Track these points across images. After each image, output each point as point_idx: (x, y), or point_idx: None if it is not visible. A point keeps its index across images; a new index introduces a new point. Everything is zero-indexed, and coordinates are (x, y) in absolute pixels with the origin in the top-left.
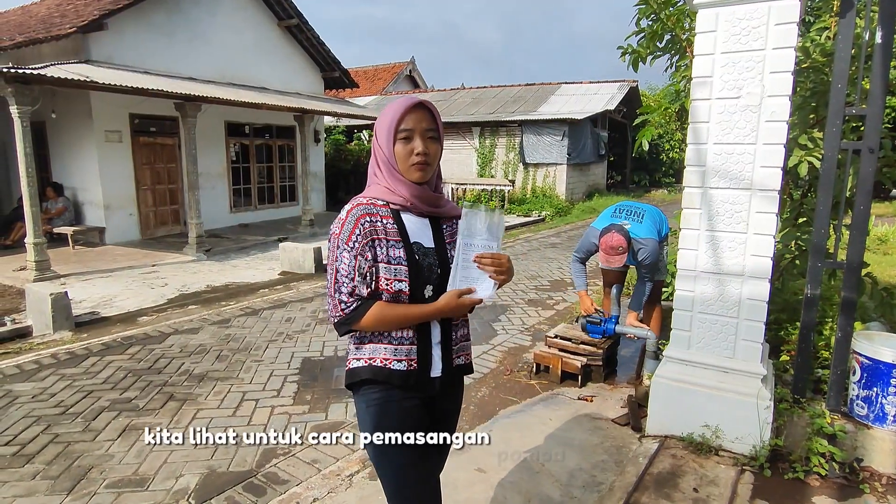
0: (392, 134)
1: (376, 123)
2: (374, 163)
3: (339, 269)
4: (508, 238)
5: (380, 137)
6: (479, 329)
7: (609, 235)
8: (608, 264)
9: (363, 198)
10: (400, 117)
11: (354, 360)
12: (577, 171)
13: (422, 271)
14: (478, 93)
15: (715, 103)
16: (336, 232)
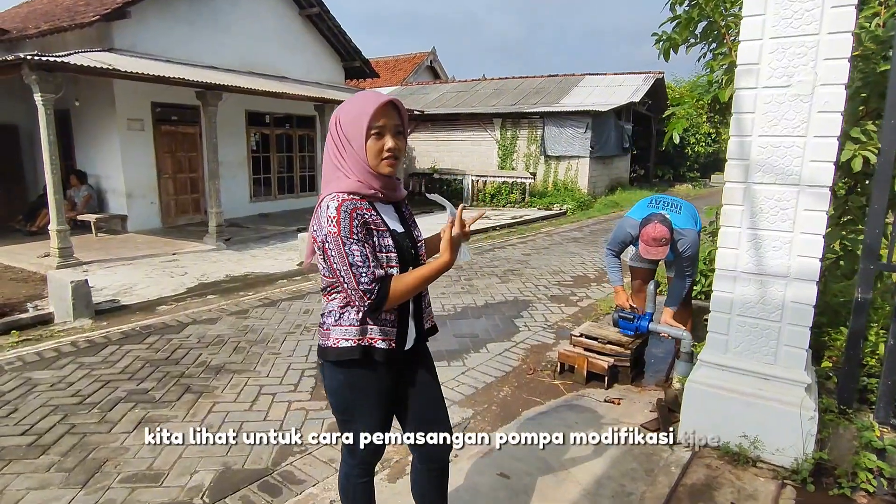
0: (364, 131)
1: (341, 119)
2: (336, 157)
3: (354, 262)
4: (530, 232)
5: (348, 133)
6: (501, 325)
7: (652, 226)
8: (649, 256)
9: (340, 193)
10: (372, 115)
11: (343, 339)
12: (599, 165)
13: (406, 254)
14: (499, 84)
15: (761, 92)
16: (334, 231)
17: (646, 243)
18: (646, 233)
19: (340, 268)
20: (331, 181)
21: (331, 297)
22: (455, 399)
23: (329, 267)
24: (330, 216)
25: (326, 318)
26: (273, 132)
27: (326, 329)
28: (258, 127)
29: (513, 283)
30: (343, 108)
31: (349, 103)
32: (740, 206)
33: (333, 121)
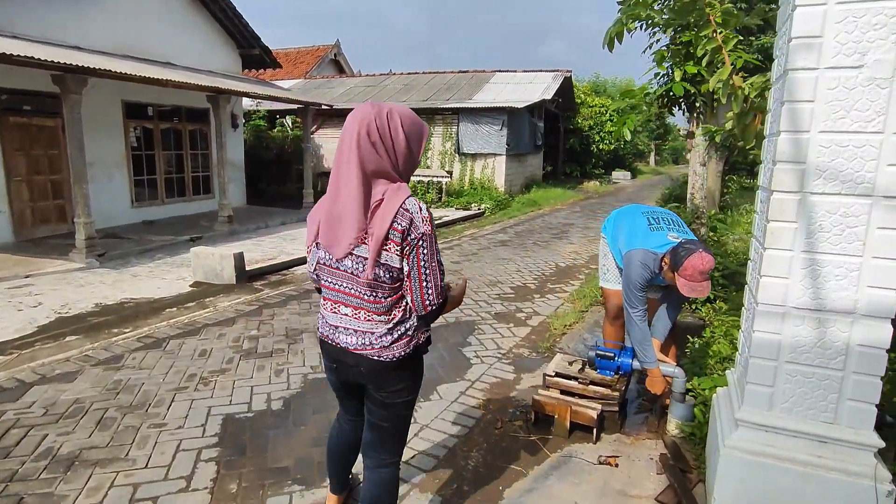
0: (423, 145)
1: (405, 125)
2: (396, 162)
3: (439, 259)
4: (454, 236)
5: (415, 146)
6: (448, 357)
7: (698, 256)
8: (693, 294)
9: (413, 196)
10: (428, 134)
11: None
12: (515, 162)
13: None
14: (409, 79)
15: (824, 75)
16: (429, 230)
17: (691, 279)
18: (692, 266)
19: (428, 266)
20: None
21: (391, 314)
22: (414, 479)
23: (415, 266)
24: (425, 217)
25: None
26: (158, 126)
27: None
28: (139, 120)
29: None
30: (405, 113)
31: (408, 111)
32: (793, 223)
33: (384, 120)
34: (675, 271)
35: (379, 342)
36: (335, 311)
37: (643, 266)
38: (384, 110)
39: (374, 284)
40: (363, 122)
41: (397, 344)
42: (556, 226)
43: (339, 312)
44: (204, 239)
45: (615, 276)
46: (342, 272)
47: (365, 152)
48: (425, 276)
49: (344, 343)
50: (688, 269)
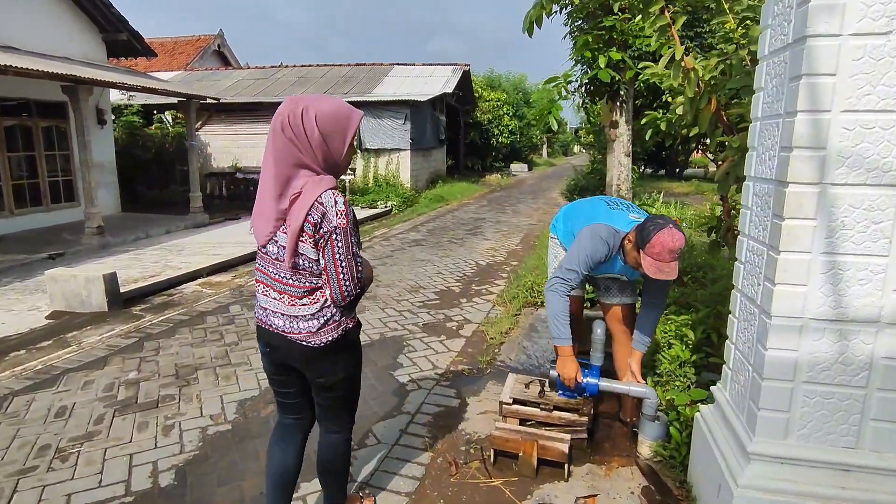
0: (348, 140)
1: (319, 118)
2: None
3: (355, 252)
4: (364, 237)
5: (334, 141)
6: (379, 386)
7: (669, 233)
8: (660, 275)
9: (335, 189)
10: (356, 128)
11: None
12: (420, 157)
13: None
14: (303, 71)
15: (848, 43)
16: (344, 223)
17: (658, 258)
18: (660, 243)
19: (343, 258)
20: (305, 177)
21: (313, 297)
22: None
23: (330, 259)
24: (340, 210)
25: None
26: (0, 123)
27: (331, 322)
28: None
29: (370, 312)
30: (322, 108)
31: (329, 107)
32: (812, 220)
33: (298, 114)
34: (640, 249)
35: (306, 327)
36: (266, 295)
37: (602, 241)
38: (300, 106)
39: (295, 271)
40: (279, 117)
41: (325, 329)
42: (468, 221)
43: (269, 296)
44: (68, 256)
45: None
46: (268, 257)
47: (280, 147)
48: (341, 269)
49: (275, 326)
50: (655, 247)
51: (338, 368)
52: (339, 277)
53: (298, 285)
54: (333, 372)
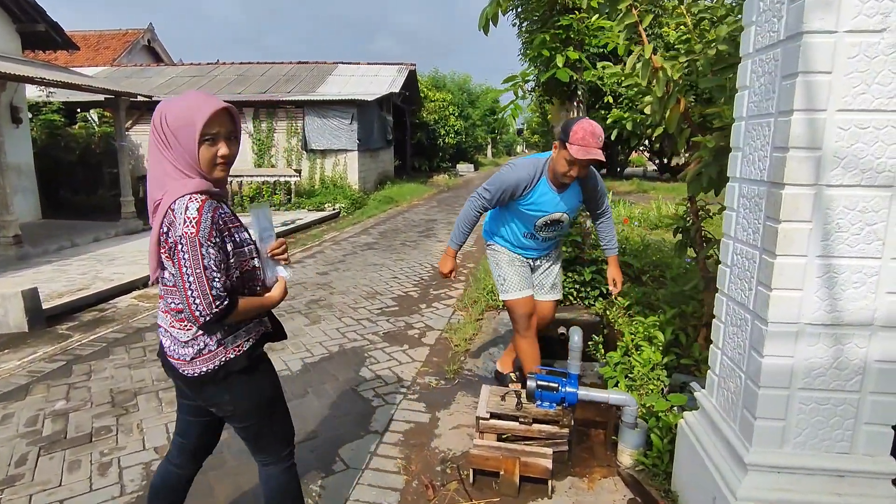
0: (197, 137)
1: (168, 119)
2: (168, 157)
3: (209, 265)
4: (313, 241)
5: (178, 136)
6: (343, 402)
7: (586, 120)
8: (589, 156)
9: (196, 194)
10: (207, 121)
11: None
12: (368, 158)
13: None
14: (242, 69)
15: (843, 40)
16: (192, 231)
17: (583, 142)
18: (581, 129)
19: (191, 272)
20: (170, 181)
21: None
22: None
23: (177, 272)
24: (189, 217)
25: (200, 340)
26: None
27: (204, 353)
28: None
29: (327, 322)
30: (170, 108)
31: (178, 104)
32: (808, 223)
33: (158, 118)
34: (566, 144)
35: (182, 354)
36: (159, 310)
37: (519, 167)
38: (161, 105)
39: (165, 287)
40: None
41: (198, 360)
42: (420, 223)
43: (160, 311)
44: None
45: (514, 283)
46: None
47: (152, 151)
48: (189, 284)
49: (164, 345)
50: (578, 133)
51: (230, 400)
52: (187, 294)
53: (173, 307)
54: (226, 404)
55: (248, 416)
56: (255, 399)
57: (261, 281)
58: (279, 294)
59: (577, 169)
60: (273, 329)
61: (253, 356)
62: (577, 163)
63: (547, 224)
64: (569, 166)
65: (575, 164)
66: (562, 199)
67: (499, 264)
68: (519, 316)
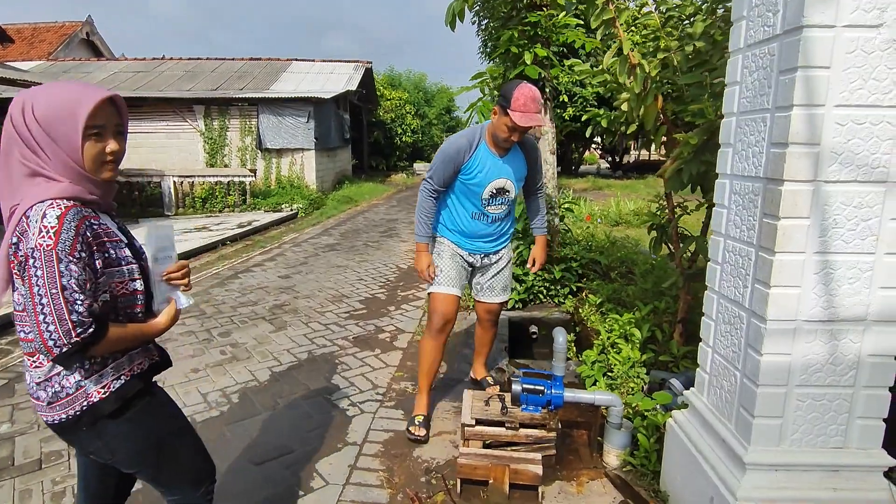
0: (81, 130)
1: (37, 111)
2: (30, 157)
3: (68, 284)
4: (272, 243)
5: (51, 131)
6: (315, 413)
7: (525, 85)
8: (529, 122)
9: (60, 199)
10: (91, 113)
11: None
12: (325, 157)
13: (145, 268)
14: (190, 65)
15: (842, 35)
16: (48, 243)
17: (524, 108)
18: (522, 94)
19: (45, 293)
20: (28, 186)
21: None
22: None
23: (27, 292)
24: (46, 226)
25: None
26: None
27: (63, 396)
28: None
29: (293, 329)
30: (39, 98)
31: (50, 93)
32: (805, 219)
33: (19, 110)
34: (506, 110)
35: (38, 396)
36: None
37: (456, 139)
38: (21, 97)
39: (15, 312)
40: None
41: (56, 405)
42: (381, 223)
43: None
44: None
45: (447, 277)
46: None
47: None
48: (41, 307)
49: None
50: (519, 99)
51: (104, 447)
52: (38, 319)
53: (23, 335)
54: (102, 451)
55: (133, 461)
56: (139, 443)
57: (142, 307)
58: (166, 321)
59: (518, 134)
60: (160, 358)
61: (126, 396)
62: (518, 129)
63: (493, 195)
64: (509, 132)
65: (517, 130)
66: (505, 162)
67: (440, 255)
68: (437, 313)
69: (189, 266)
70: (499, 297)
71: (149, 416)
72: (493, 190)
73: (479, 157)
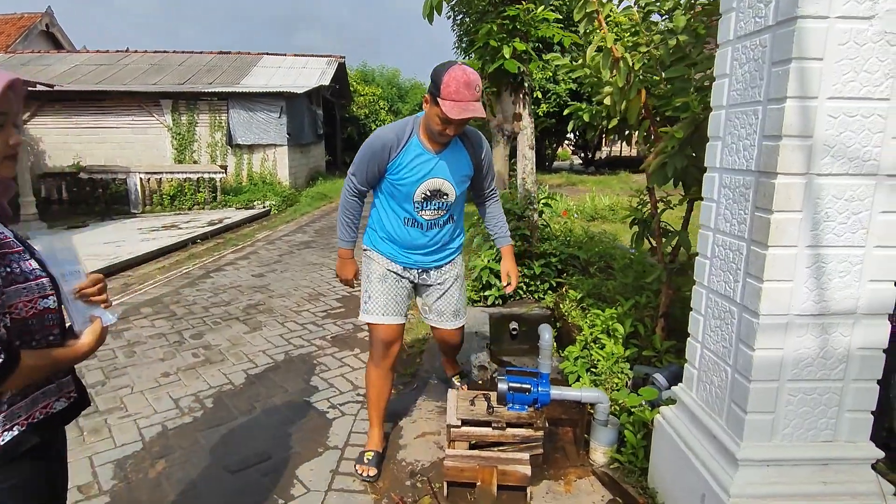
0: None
1: None
2: None
3: None
4: (245, 241)
5: None
6: (294, 415)
7: (459, 68)
8: (465, 114)
9: None
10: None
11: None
12: (298, 153)
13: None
14: (156, 58)
15: (836, 27)
16: None
17: (457, 95)
18: (454, 79)
19: None
20: None
21: None
22: None
23: None
24: None
25: None
26: None
27: None
28: None
29: (269, 329)
30: None
31: None
32: (798, 212)
33: None
34: (437, 98)
35: None
36: None
37: (382, 133)
38: None
39: None
40: None
41: None
42: None
43: None
44: None
45: (379, 305)
46: None
47: None
48: None
49: None
50: (451, 85)
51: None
52: None
53: None
54: None
55: None
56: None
57: (58, 328)
58: (91, 341)
59: (454, 128)
60: (77, 396)
61: (14, 455)
62: (452, 122)
63: (427, 197)
64: (443, 125)
65: (451, 123)
66: (442, 159)
67: (369, 277)
68: (376, 342)
69: (105, 281)
70: (449, 324)
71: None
72: (427, 192)
73: (409, 154)
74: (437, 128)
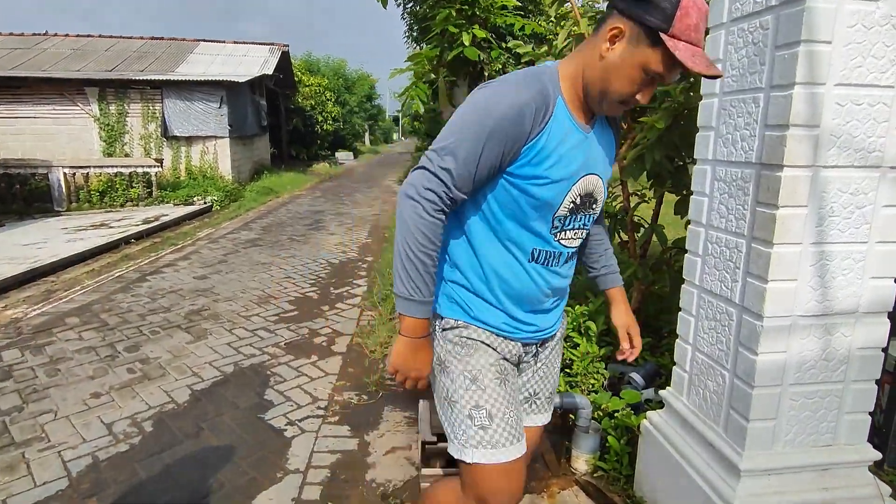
0: None
1: None
2: None
3: None
4: (185, 240)
5: None
6: (249, 438)
7: None
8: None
9: None
10: None
11: None
12: (241, 146)
13: None
14: (79, 42)
15: (844, 7)
16: None
17: (695, 35)
18: (695, 4)
19: None
20: None
21: None
22: None
23: None
24: None
25: None
26: None
27: None
28: None
29: (215, 337)
30: None
31: None
32: (804, 207)
33: None
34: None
35: None
36: None
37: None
38: None
39: None
40: None
41: None
42: (306, 215)
43: None
44: None
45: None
46: None
47: None
48: None
49: None
50: (690, 14)
51: None
52: None
53: None
54: None
55: None
56: None
57: None
58: None
59: (647, 94)
60: None
61: None
62: (669, 76)
63: (575, 208)
64: (645, 85)
65: (670, 73)
66: (595, 142)
67: (475, 378)
68: (498, 490)
69: None
70: (543, 415)
71: None
72: (578, 198)
73: (558, 130)
74: (627, 90)
